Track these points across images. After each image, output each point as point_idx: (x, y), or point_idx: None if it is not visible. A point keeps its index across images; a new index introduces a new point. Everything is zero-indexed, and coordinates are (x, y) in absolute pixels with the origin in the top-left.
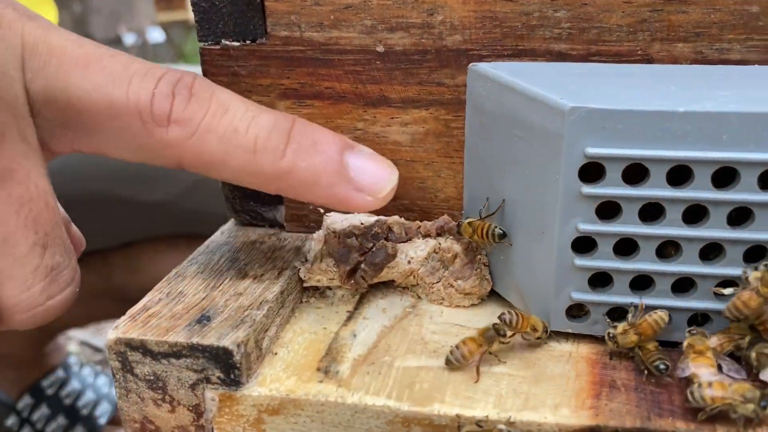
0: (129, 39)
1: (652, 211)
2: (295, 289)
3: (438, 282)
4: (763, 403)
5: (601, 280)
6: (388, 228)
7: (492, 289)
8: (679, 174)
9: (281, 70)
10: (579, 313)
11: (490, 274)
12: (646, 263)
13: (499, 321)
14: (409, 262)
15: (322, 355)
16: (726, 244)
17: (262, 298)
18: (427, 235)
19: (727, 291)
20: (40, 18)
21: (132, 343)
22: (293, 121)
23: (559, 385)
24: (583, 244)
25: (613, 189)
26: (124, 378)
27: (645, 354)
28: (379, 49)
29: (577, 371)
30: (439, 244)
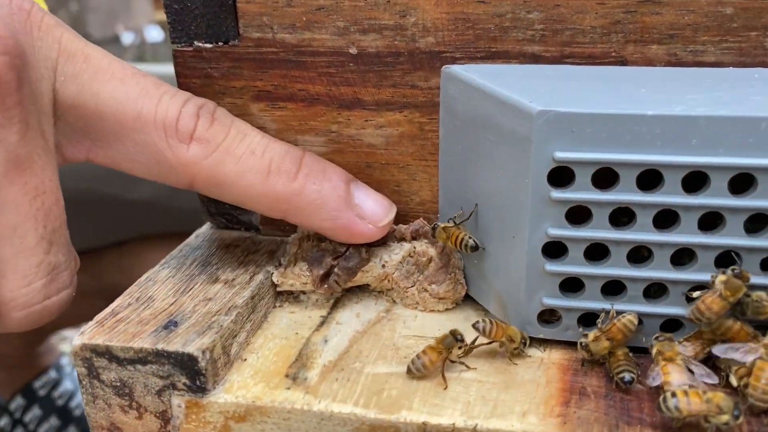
0: (127, 38)
1: (623, 216)
2: (267, 294)
3: (412, 286)
4: (736, 412)
5: (572, 285)
6: None
7: (467, 294)
8: (650, 178)
9: (254, 72)
10: (551, 318)
11: (465, 278)
12: (617, 269)
13: (473, 328)
14: (383, 266)
15: (291, 361)
16: (697, 249)
17: (232, 303)
18: (402, 239)
19: (696, 294)
20: (75, 32)
21: (97, 349)
22: (304, 151)
23: (528, 392)
24: (554, 249)
25: (582, 194)
26: (91, 384)
27: (612, 363)
28: (352, 51)
29: (547, 377)
30: (414, 248)
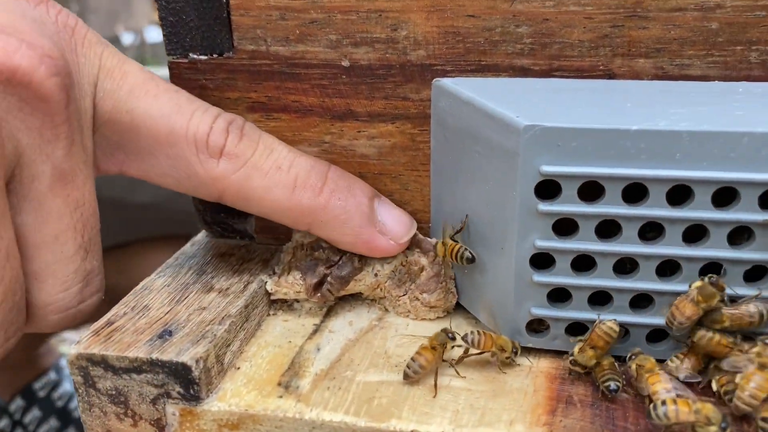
0: (127, 38)
1: (610, 228)
2: (261, 302)
3: (404, 295)
4: (724, 424)
5: (560, 295)
6: None
7: (459, 303)
8: (636, 191)
9: (249, 84)
10: (539, 327)
11: (456, 287)
12: (603, 279)
13: (463, 341)
14: (376, 275)
15: (284, 370)
16: (682, 261)
17: (225, 312)
18: None
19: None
20: (114, 47)
21: (93, 359)
22: (329, 166)
23: (516, 401)
24: (542, 260)
25: (569, 206)
26: (87, 392)
27: (598, 373)
28: (345, 63)
29: (535, 386)
30: (406, 257)
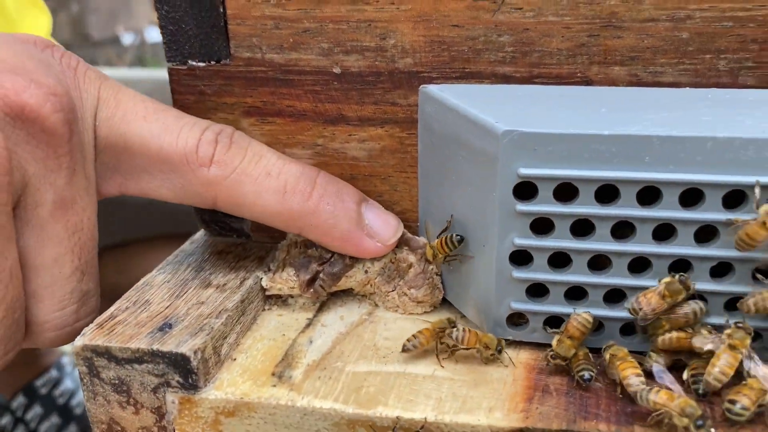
0: (127, 39)
1: (584, 227)
2: (257, 298)
3: (393, 290)
4: (699, 422)
5: (538, 290)
6: None
7: (446, 298)
8: (608, 192)
9: (244, 90)
10: (519, 321)
11: (443, 284)
12: (578, 275)
13: (448, 338)
14: (366, 271)
15: (278, 361)
16: (652, 258)
17: (222, 307)
18: None
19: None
20: (112, 79)
21: (97, 350)
22: (318, 172)
23: (495, 389)
24: (521, 257)
25: (545, 206)
26: (91, 382)
27: (573, 363)
28: (336, 70)
29: (514, 376)
30: (395, 255)
